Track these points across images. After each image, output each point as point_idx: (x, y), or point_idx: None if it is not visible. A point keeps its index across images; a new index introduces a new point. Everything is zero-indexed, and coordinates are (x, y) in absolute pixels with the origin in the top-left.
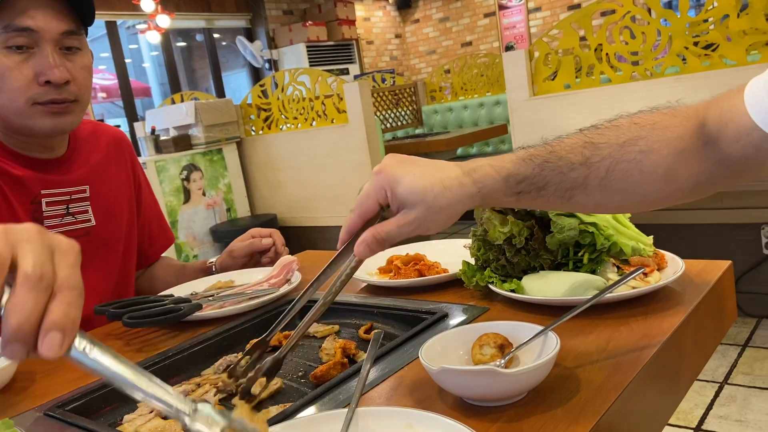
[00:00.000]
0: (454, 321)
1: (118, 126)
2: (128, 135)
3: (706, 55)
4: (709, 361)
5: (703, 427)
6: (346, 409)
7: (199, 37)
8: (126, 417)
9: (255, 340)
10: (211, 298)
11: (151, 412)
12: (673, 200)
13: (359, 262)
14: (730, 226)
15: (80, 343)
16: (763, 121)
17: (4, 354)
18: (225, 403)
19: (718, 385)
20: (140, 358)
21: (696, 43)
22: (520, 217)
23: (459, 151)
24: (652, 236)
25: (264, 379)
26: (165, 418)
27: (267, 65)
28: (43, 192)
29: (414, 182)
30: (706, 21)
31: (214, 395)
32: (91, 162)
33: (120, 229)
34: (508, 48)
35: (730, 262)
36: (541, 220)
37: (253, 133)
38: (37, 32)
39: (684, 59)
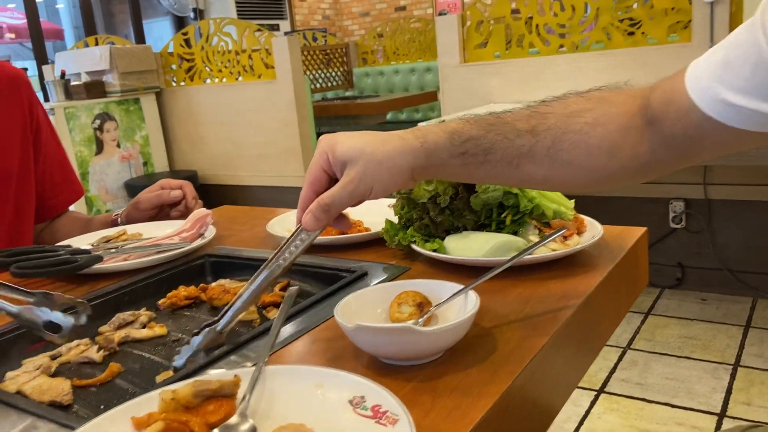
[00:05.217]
0: (373, 280)
1: (26, 69)
2: (36, 78)
3: (630, 33)
4: None
5: (606, 389)
6: (253, 368)
7: None
8: (8, 374)
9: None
10: (114, 251)
11: (37, 368)
12: (617, 179)
13: (311, 236)
14: (641, 200)
15: None
16: (700, 99)
17: None
18: (109, 359)
19: (622, 349)
20: None
21: (621, 20)
22: None
23: (389, 115)
24: (573, 200)
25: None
26: (53, 375)
27: (192, 15)
28: None
29: (352, 140)
30: None
31: (98, 351)
32: None
33: (10, 173)
34: (441, 15)
35: (645, 228)
36: None
37: (174, 84)
38: None
39: (609, 35)
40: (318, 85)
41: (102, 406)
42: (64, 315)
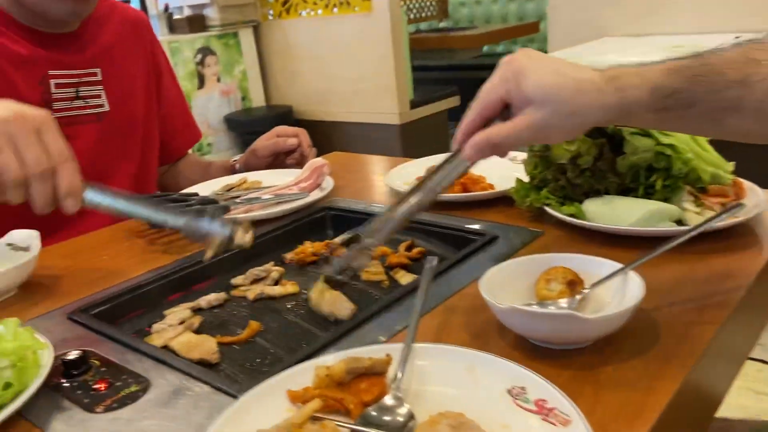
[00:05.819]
0: (504, 244)
1: (127, 2)
2: None
3: None
4: None
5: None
6: (400, 345)
7: None
8: (155, 327)
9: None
10: (237, 201)
11: (181, 323)
12: None
13: (468, 166)
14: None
15: (87, 194)
16: None
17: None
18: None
19: None
20: (167, 260)
21: None
22: (589, 134)
23: (485, 48)
24: (734, 162)
25: None
26: (197, 332)
27: None
28: (50, 72)
29: (544, 76)
30: None
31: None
32: (103, 42)
33: (136, 117)
34: None
35: None
36: (612, 138)
37: (270, 17)
38: None
39: None
40: (411, 16)
41: (247, 364)
42: (222, 225)
